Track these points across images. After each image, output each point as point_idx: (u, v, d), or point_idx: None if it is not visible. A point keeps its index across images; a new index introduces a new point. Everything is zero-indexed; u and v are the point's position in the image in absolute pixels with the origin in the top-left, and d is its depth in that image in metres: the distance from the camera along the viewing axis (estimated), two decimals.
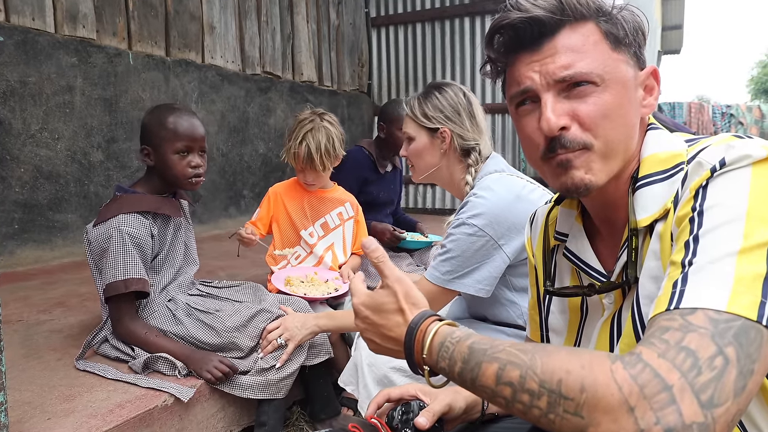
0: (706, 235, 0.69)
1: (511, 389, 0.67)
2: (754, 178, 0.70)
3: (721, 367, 0.59)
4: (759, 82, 38.73)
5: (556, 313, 1.04)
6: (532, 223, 1.14)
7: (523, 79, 0.86)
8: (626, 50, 0.85)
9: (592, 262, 0.93)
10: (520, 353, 0.68)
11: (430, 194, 6.26)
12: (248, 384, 1.71)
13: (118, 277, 1.68)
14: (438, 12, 6.09)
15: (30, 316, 2.31)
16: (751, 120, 14.33)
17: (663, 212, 0.80)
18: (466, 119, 1.74)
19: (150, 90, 4.02)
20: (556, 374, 0.63)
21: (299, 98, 5.55)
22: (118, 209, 1.73)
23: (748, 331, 0.61)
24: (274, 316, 1.81)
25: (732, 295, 0.63)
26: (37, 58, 3.30)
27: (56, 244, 3.46)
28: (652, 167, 0.84)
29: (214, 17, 4.61)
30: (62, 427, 1.38)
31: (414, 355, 0.82)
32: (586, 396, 0.61)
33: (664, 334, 0.62)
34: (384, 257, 0.90)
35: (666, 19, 14.13)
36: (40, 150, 3.35)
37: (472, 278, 1.62)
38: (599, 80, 0.81)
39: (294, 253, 2.47)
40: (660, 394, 0.58)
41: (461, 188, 1.78)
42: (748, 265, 0.64)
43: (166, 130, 1.77)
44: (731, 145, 0.74)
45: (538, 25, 0.83)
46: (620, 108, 0.82)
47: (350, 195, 2.60)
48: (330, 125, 2.34)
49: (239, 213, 4.92)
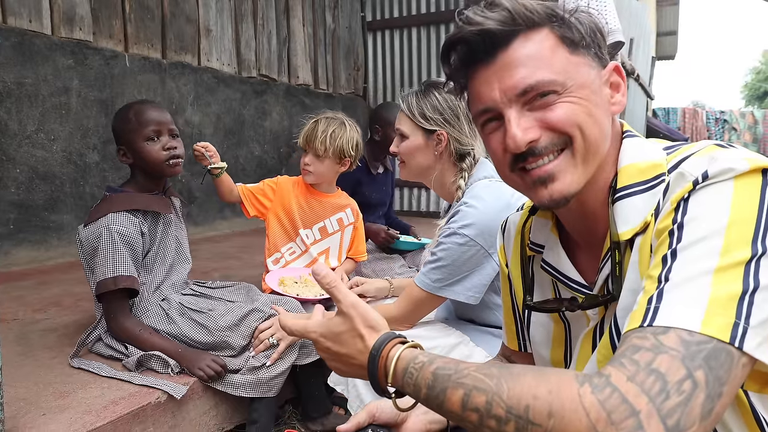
0: (684, 250, 0.68)
1: (478, 415, 0.66)
2: (736, 192, 0.69)
3: (689, 392, 0.59)
4: (752, 89, 38.88)
5: (537, 325, 1.02)
6: (504, 232, 1.11)
7: (484, 99, 0.84)
8: (585, 52, 0.83)
9: (572, 275, 0.91)
10: (486, 378, 0.67)
11: (425, 197, 6.29)
12: (240, 382, 1.74)
13: (107, 274, 1.71)
14: (433, 17, 6.13)
15: (25, 315, 2.33)
16: (744, 126, 14.42)
17: (644, 225, 0.79)
18: (464, 124, 1.71)
19: (146, 92, 4.04)
20: (523, 400, 0.63)
21: (295, 101, 5.58)
22: (107, 209, 1.76)
23: (719, 353, 0.61)
24: (266, 316, 1.84)
25: (706, 315, 0.62)
26: (33, 59, 3.33)
27: (51, 245, 3.47)
28: (631, 178, 0.82)
29: (210, 20, 4.64)
30: (57, 422, 1.41)
31: (378, 381, 0.80)
32: (554, 422, 0.60)
33: (635, 354, 0.62)
34: (335, 282, 0.87)
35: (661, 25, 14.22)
36: (36, 151, 3.37)
37: (462, 286, 1.63)
38: (561, 87, 0.80)
39: (289, 249, 2.47)
40: (627, 419, 0.58)
41: (451, 192, 1.77)
42: (723, 285, 0.64)
43: (131, 123, 1.80)
44: (714, 156, 0.73)
45: (489, 37, 0.81)
46: (589, 111, 0.81)
47: (352, 201, 2.59)
48: (349, 125, 2.37)
49: (234, 215, 4.94)
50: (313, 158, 2.35)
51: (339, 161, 2.37)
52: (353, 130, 2.38)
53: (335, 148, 2.31)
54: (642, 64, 10.06)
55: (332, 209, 2.50)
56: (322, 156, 2.33)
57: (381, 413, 1.00)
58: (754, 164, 0.70)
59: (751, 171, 0.70)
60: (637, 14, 9.10)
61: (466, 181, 1.73)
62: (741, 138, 14.39)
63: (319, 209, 2.47)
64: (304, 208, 2.45)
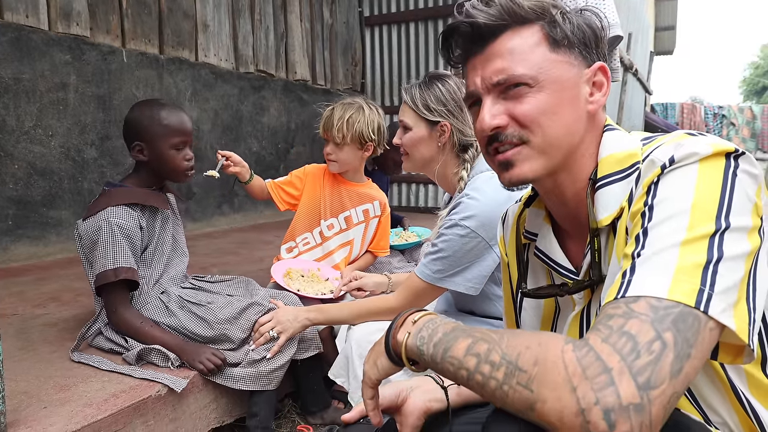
0: (654, 228, 0.73)
1: (476, 360, 0.71)
2: (701, 174, 0.74)
3: (658, 351, 0.62)
4: (751, 84, 38.92)
5: (528, 309, 1.08)
6: (504, 222, 1.17)
7: (469, 84, 0.93)
8: (568, 51, 0.89)
9: (562, 261, 0.97)
10: (493, 334, 0.74)
11: (423, 193, 6.30)
12: (240, 375, 1.75)
13: (108, 266, 1.71)
14: (431, 11, 6.12)
15: (25, 311, 2.33)
16: (743, 121, 14.45)
17: (620, 210, 0.84)
18: (468, 114, 1.71)
19: (143, 88, 4.04)
20: (516, 348, 0.69)
21: (293, 97, 5.58)
22: (106, 202, 1.77)
23: (686, 317, 0.65)
24: (265, 309, 1.84)
25: (672, 283, 0.67)
26: (30, 55, 3.32)
27: (50, 241, 3.48)
28: (610, 168, 0.88)
29: (207, 15, 4.63)
30: (58, 415, 1.41)
31: (394, 326, 0.89)
32: (538, 370, 0.65)
33: (609, 321, 0.67)
34: None
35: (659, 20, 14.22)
36: (34, 147, 3.36)
37: (462, 277, 1.64)
38: (533, 81, 0.86)
39: (304, 239, 2.45)
40: (600, 375, 0.62)
41: (454, 183, 1.78)
42: (689, 255, 0.69)
43: (161, 126, 1.80)
44: (681, 143, 0.79)
45: (478, 30, 0.88)
46: (556, 106, 0.87)
47: (381, 194, 2.54)
48: (369, 107, 2.30)
49: (232, 211, 4.94)
50: (333, 147, 2.31)
51: (361, 146, 2.32)
52: (373, 112, 2.30)
53: (354, 133, 2.26)
54: (640, 58, 10.07)
55: (360, 199, 2.46)
56: (341, 143, 2.28)
57: (382, 399, 1.04)
58: (717, 148, 0.75)
59: (714, 154, 0.75)
60: (636, 9, 9.11)
61: (468, 173, 1.74)
62: (739, 133, 14.43)
63: (346, 198, 2.44)
64: (331, 196, 2.42)
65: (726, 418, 0.83)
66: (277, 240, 4.12)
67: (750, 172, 0.75)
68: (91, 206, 1.80)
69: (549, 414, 0.63)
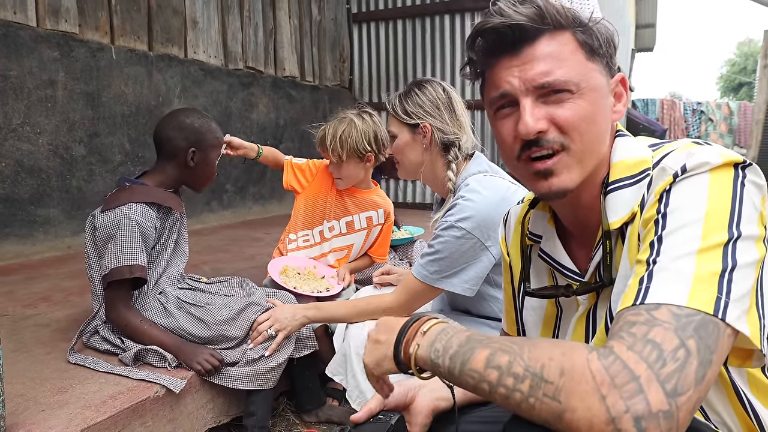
0: (668, 236, 0.75)
1: (498, 373, 0.70)
2: (712, 183, 0.76)
3: (683, 359, 0.64)
4: (728, 80, 39.37)
5: (530, 309, 1.09)
6: (506, 223, 1.18)
7: (503, 83, 0.89)
8: (599, 60, 0.90)
9: (566, 263, 0.98)
10: (512, 344, 0.73)
11: (410, 189, 6.32)
12: (238, 375, 1.75)
13: (124, 262, 1.70)
14: (419, 9, 6.12)
15: (15, 311, 2.31)
16: (720, 116, 14.67)
17: (632, 215, 0.85)
18: (445, 113, 1.77)
19: (133, 84, 4.01)
20: (540, 360, 0.68)
21: (281, 93, 5.56)
22: (128, 198, 1.76)
23: (707, 324, 0.67)
24: (263, 309, 1.85)
25: (691, 291, 0.69)
26: (18, 52, 3.28)
27: (38, 239, 3.44)
28: (621, 172, 0.89)
29: (196, 12, 4.60)
30: (57, 418, 1.41)
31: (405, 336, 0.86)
32: (564, 380, 0.65)
33: (631, 328, 0.68)
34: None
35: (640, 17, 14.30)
36: (22, 144, 3.32)
37: (459, 278, 1.67)
38: (575, 88, 0.86)
39: (304, 235, 2.46)
40: (629, 384, 0.62)
41: (444, 185, 1.80)
42: (705, 264, 0.71)
43: (215, 139, 1.93)
44: (691, 152, 0.80)
45: (519, 31, 0.87)
46: (594, 114, 0.87)
47: (388, 202, 2.52)
48: (360, 119, 2.26)
49: (221, 207, 4.92)
50: (334, 165, 2.32)
51: (361, 159, 2.28)
52: (366, 123, 2.26)
53: (349, 149, 2.23)
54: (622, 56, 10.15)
55: (364, 205, 2.46)
56: (338, 162, 2.28)
57: (390, 398, 1.05)
58: (727, 159, 0.78)
59: (724, 164, 0.78)
60: (618, 7, 9.17)
61: (455, 173, 1.78)
62: (717, 128, 14.64)
63: (350, 203, 2.45)
64: (336, 199, 2.43)
65: (726, 417, 0.86)
66: (267, 237, 4.14)
67: (756, 183, 0.78)
68: (109, 199, 1.79)
69: (579, 424, 0.64)
